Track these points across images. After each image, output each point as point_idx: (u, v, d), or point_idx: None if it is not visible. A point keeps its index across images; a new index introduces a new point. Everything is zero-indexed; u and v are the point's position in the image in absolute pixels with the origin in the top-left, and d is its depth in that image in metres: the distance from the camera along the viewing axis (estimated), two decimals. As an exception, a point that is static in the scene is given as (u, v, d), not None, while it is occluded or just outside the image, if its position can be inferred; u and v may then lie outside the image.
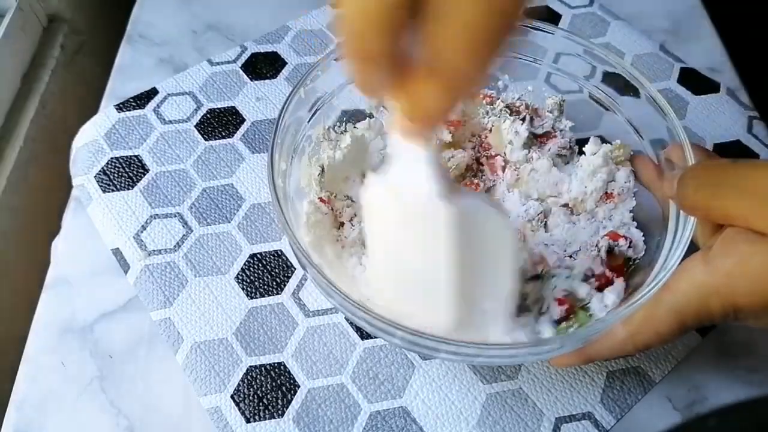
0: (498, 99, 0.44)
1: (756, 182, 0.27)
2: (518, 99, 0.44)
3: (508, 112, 0.43)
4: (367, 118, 0.43)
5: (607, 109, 0.41)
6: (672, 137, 0.35)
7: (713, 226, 0.30)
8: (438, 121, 0.24)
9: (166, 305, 0.39)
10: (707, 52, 0.55)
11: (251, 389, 0.36)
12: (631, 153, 0.40)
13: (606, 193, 0.39)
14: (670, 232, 0.33)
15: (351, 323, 0.39)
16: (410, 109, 0.22)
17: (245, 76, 0.52)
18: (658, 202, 0.36)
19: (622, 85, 0.39)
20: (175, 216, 0.44)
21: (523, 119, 0.42)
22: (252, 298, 0.40)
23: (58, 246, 0.44)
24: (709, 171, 0.30)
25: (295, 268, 0.41)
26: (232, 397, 0.36)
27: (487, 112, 0.43)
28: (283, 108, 0.36)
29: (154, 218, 0.43)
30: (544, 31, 0.40)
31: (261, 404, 0.36)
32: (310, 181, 0.39)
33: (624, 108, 0.40)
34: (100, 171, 0.46)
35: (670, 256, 0.31)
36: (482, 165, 0.43)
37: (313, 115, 0.40)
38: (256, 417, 0.35)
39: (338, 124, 0.43)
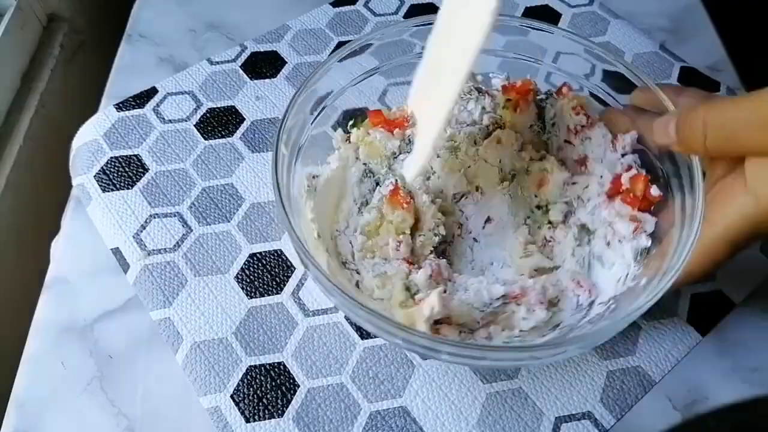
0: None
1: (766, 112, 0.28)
2: None
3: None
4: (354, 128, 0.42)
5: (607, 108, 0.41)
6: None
7: (726, 163, 0.32)
8: None
9: (166, 305, 0.39)
10: (707, 51, 0.55)
11: (251, 389, 0.36)
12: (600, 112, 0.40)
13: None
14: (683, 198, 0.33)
15: (351, 322, 0.39)
16: None
17: (245, 76, 0.52)
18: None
19: (623, 84, 0.39)
20: (175, 215, 0.44)
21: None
22: (252, 297, 0.40)
23: (57, 246, 0.44)
24: (713, 114, 0.30)
25: (294, 268, 0.41)
26: (231, 396, 0.36)
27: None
28: (287, 108, 0.36)
29: (154, 218, 0.43)
30: (544, 31, 0.40)
31: (261, 404, 0.36)
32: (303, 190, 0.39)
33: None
34: (99, 170, 0.46)
35: (682, 245, 0.31)
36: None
37: (317, 117, 0.40)
38: (256, 417, 0.35)
39: (338, 124, 0.43)
